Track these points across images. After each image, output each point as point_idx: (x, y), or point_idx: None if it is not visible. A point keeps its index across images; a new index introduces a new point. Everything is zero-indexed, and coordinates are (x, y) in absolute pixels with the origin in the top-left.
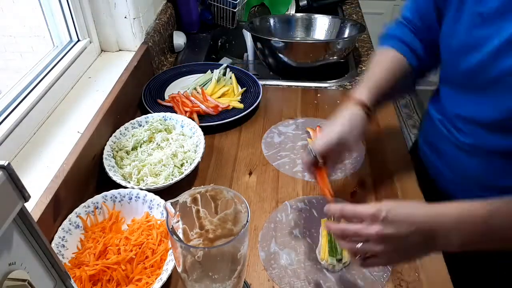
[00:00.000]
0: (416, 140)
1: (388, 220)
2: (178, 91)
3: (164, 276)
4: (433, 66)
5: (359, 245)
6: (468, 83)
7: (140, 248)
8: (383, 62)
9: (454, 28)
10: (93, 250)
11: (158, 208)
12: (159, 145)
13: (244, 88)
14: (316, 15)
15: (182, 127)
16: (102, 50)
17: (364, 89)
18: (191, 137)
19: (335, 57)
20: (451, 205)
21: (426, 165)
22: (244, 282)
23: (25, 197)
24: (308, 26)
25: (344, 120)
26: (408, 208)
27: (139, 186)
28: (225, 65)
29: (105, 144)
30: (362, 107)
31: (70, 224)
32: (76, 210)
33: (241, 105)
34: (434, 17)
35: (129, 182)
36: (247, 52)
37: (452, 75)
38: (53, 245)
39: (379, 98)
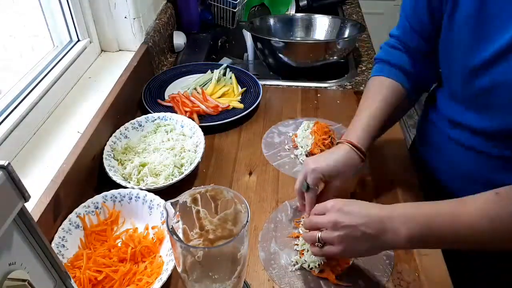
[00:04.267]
0: (415, 138)
1: (343, 211)
2: (178, 91)
3: (164, 276)
4: (431, 80)
5: (319, 234)
6: (462, 90)
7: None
8: (375, 95)
9: (449, 30)
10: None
11: (158, 208)
12: (159, 145)
13: (244, 88)
14: (316, 15)
15: (182, 127)
16: (102, 50)
17: (357, 132)
18: (191, 137)
19: (335, 57)
20: (401, 204)
21: (425, 164)
22: (244, 282)
23: (25, 197)
24: (308, 26)
25: (338, 158)
26: (362, 204)
27: (139, 186)
28: (225, 65)
29: (105, 144)
30: (357, 151)
31: (70, 224)
32: (76, 210)
33: (241, 105)
34: (427, 21)
35: (129, 182)
36: (247, 52)
37: (448, 80)
38: (53, 245)
39: (373, 135)
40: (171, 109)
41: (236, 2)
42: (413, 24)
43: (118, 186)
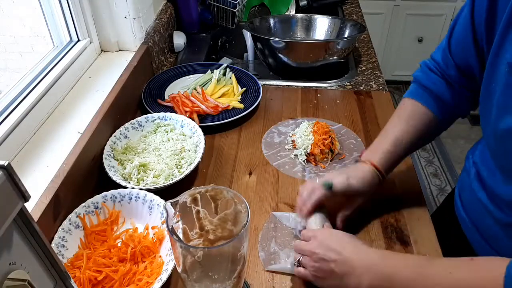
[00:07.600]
0: (452, 193)
1: (322, 244)
2: (178, 91)
3: (164, 276)
4: (467, 112)
5: (300, 257)
6: (500, 151)
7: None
8: (406, 121)
9: (490, 78)
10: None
11: (158, 208)
12: (159, 145)
13: (244, 88)
14: (316, 16)
15: (182, 127)
16: (102, 50)
17: (378, 153)
18: (191, 137)
19: (335, 57)
20: (373, 250)
21: (461, 225)
22: (244, 282)
23: (25, 197)
24: (308, 26)
25: (359, 174)
26: (341, 240)
27: (139, 186)
28: (225, 65)
29: (105, 144)
30: (377, 171)
31: (70, 224)
32: (76, 210)
33: (241, 105)
34: (472, 53)
35: (129, 182)
36: (247, 52)
37: (488, 137)
38: (53, 245)
39: (395, 160)
40: (171, 109)
41: (236, 2)
42: (456, 59)
43: (118, 186)
